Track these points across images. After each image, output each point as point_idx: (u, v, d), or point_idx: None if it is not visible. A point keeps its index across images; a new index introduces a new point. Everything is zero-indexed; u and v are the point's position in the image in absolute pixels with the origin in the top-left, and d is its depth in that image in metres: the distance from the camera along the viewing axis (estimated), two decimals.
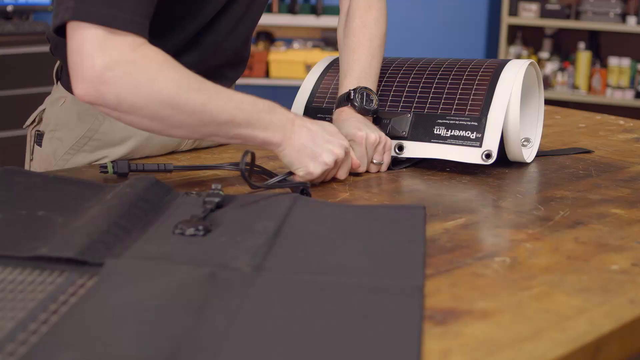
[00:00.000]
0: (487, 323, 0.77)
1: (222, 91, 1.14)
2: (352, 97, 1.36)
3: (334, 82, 1.50)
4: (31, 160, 1.45)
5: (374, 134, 1.30)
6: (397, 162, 1.36)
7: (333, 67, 1.54)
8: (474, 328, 0.76)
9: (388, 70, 1.47)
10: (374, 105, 1.36)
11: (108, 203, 1.00)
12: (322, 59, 1.60)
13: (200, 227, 0.96)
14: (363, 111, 1.35)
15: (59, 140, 1.38)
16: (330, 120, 1.42)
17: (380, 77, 1.44)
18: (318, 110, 1.47)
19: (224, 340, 0.70)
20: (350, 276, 0.85)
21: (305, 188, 1.14)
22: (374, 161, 1.31)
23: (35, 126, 1.44)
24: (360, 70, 1.41)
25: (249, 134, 1.15)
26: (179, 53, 1.27)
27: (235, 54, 1.44)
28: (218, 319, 0.74)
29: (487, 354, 0.71)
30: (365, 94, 1.36)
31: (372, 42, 1.44)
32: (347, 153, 1.24)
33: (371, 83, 1.40)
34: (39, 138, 1.42)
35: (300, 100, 1.51)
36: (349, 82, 1.40)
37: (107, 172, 1.21)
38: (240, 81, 1.55)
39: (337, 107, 1.39)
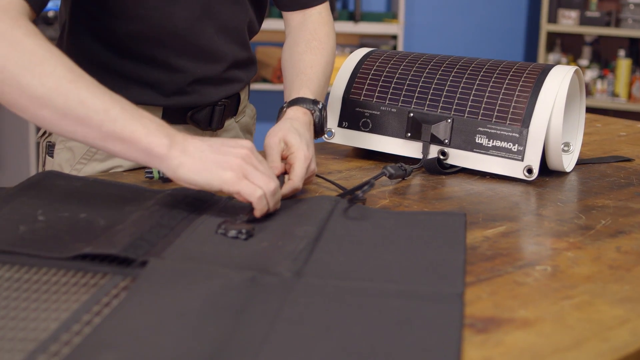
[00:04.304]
0: (529, 332, 0.76)
1: (98, 85, 1.02)
2: (319, 107, 1.29)
3: (371, 72, 1.46)
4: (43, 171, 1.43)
5: (314, 163, 1.20)
6: (443, 167, 1.36)
7: (370, 57, 1.50)
8: (515, 337, 0.75)
9: (427, 66, 1.44)
10: (326, 131, 1.31)
11: (150, 209, 1.01)
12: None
13: (243, 231, 0.97)
14: (320, 128, 1.29)
15: (70, 150, 1.38)
16: (369, 116, 1.41)
17: (419, 73, 1.43)
18: (356, 103, 1.45)
19: (264, 345, 0.70)
20: (390, 282, 0.85)
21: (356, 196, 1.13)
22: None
23: (46, 137, 1.43)
24: (319, 86, 1.35)
25: (126, 134, 0.99)
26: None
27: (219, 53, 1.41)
28: (258, 323, 0.74)
29: None
30: (326, 114, 1.31)
31: (327, 66, 1.40)
32: (249, 156, 1.04)
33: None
34: (50, 149, 1.41)
35: (336, 93, 1.48)
36: (310, 92, 1.32)
37: (152, 177, 1.22)
38: (277, 87, 1.54)
39: (295, 104, 1.29)
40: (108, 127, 0.98)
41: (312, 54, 1.39)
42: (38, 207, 1.02)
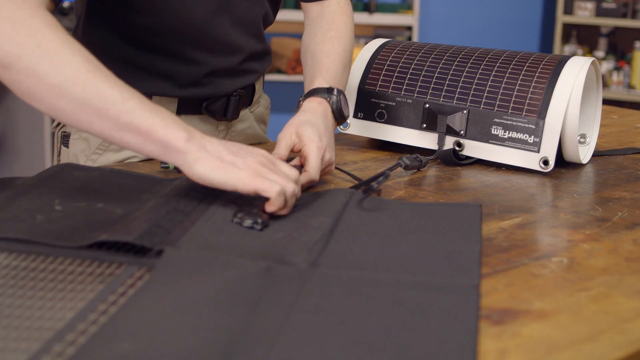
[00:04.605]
0: (545, 324, 0.76)
1: (115, 77, 1.00)
2: (334, 93, 1.28)
3: (387, 63, 1.46)
4: (58, 161, 1.42)
5: (330, 153, 1.21)
6: (459, 158, 1.35)
7: (386, 48, 1.50)
8: (532, 328, 0.75)
9: (443, 57, 1.44)
10: (347, 115, 1.30)
11: (166, 196, 1.01)
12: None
13: (259, 221, 0.97)
14: (339, 114, 1.28)
15: (85, 141, 1.38)
16: (385, 107, 1.41)
17: (434, 64, 1.43)
18: (371, 94, 1.45)
19: (280, 335, 0.70)
20: (405, 273, 0.85)
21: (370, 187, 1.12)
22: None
23: (61, 127, 1.42)
24: (335, 74, 1.34)
25: (144, 126, 0.97)
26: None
27: (236, 45, 1.40)
28: (274, 313, 0.74)
29: (544, 354, 0.70)
30: (345, 99, 1.31)
31: (345, 55, 1.39)
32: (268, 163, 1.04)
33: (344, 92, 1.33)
34: (65, 139, 1.41)
35: (352, 84, 1.47)
36: (324, 81, 1.31)
37: (167, 167, 1.22)
38: (291, 78, 1.54)
39: (310, 96, 1.29)
40: (125, 119, 0.97)
41: (329, 43, 1.38)
42: (55, 197, 1.03)
